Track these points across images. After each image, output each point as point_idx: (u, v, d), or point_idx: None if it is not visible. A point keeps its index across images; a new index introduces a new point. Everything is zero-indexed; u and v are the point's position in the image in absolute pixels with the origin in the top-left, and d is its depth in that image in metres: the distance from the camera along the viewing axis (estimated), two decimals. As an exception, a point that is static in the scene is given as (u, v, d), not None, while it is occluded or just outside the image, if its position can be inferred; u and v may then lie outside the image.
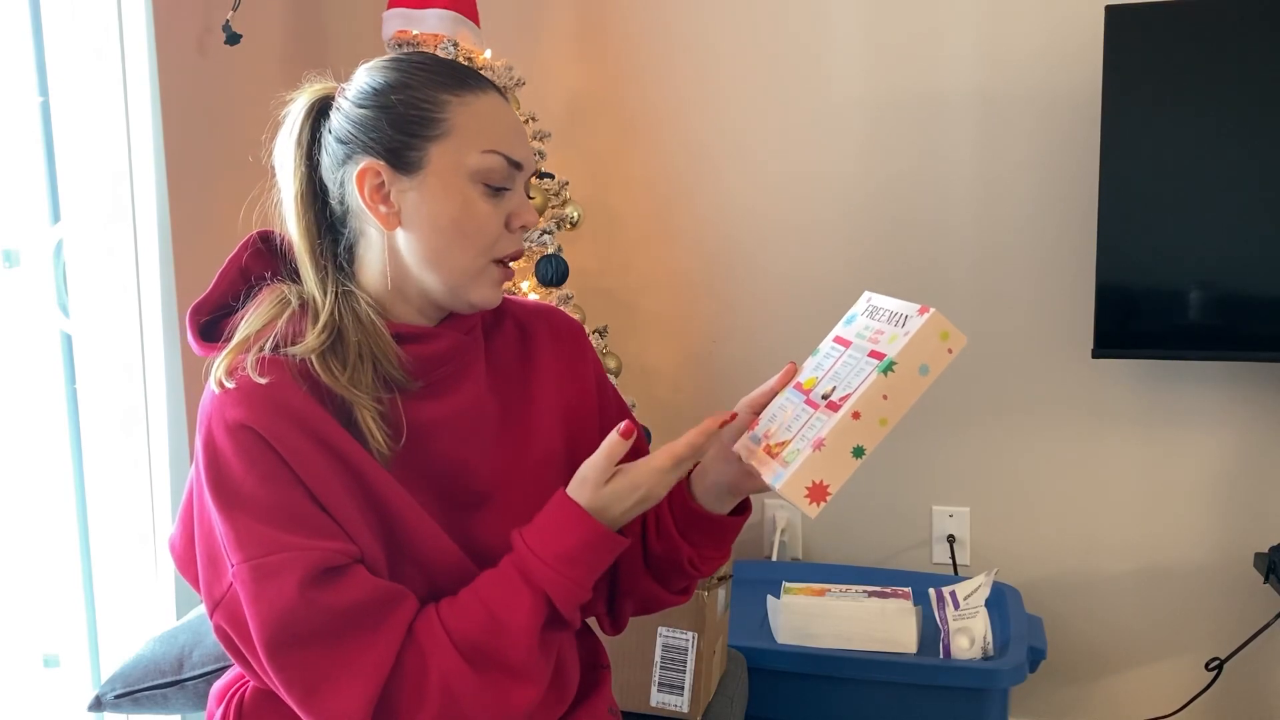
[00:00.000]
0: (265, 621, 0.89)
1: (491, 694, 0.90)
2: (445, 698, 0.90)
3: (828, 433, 0.92)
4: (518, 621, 0.92)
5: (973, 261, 2.18)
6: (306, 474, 0.92)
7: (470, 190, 0.97)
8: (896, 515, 2.28)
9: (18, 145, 1.59)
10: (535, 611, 0.93)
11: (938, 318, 0.94)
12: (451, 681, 0.90)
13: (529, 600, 0.93)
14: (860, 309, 1.06)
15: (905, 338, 0.94)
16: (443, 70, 0.99)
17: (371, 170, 0.97)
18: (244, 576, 0.90)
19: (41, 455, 1.64)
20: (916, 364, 0.93)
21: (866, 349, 0.98)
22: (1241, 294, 1.90)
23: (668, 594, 1.13)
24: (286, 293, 1.00)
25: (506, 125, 0.99)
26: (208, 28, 1.73)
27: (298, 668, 0.89)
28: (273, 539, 0.90)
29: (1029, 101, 2.11)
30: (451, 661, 0.91)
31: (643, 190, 2.34)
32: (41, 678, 1.66)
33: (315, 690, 0.89)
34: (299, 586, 0.88)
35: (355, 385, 0.95)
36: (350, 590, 0.90)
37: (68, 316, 1.62)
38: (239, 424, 0.91)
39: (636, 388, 2.33)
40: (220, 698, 1.08)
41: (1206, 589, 2.13)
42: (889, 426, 0.93)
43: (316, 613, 0.89)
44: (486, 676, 0.91)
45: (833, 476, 0.92)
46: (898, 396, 0.93)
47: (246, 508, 0.90)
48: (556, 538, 0.95)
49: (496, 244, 0.99)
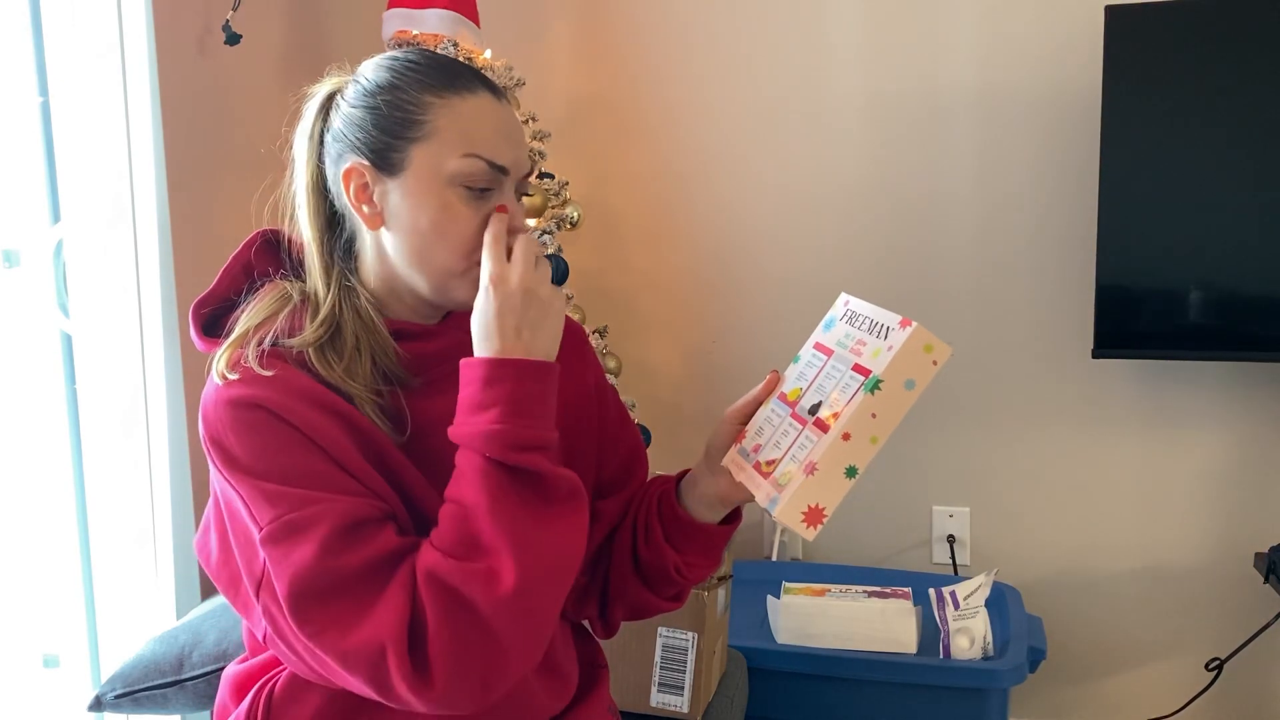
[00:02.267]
0: (290, 579, 0.87)
1: (480, 578, 0.86)
2: (446, 596, 0.86)
3: (820, 456, 0.92)
4: (471, 498, 0.89)
5: (972, 262, 2.18)
6: (325, 440, 0.90)
7: (449, 193, 0.96)
8: (896, 515, 2.28)
9: (18, 145, 1.58)
10: (482, 477, 0.89)
11: (920, 331, 0.93)
12: (443, 578, 0.87)
13: (471, 471, 0.89)
14: (838, 313, 1.06)
15: (889, 353, 0.93)
16: (433, 70, 0.98)
17: (357, 170, 0.97)
18: (276, 534, 0.88)
19: (41, 455, 1.64)
20: (902, 380, 0.93)
21: (850, 360, 0.98)
22: (1241, 294, 1.90)
23: (658, 600, 1.13)
24: (288, 288, 1.00)
25: (491, 128, 0.97)
26: (208, 28, 1.73)
27: (322, 620, 0.87)
28: (300, 496, 0.88)
29: (1029, 101, 2.11)
30: (438, 562, 0.87)
31: (643, 190, 2.34)
32: (41, 678, 1.65)
33: (348, 632, 0.86)
34: (320, 546, 0.86)
35: (351, 377, 0.95)
36: (381, 539, 0.89)
37: (68, 316, 1.62)
38: (248, 402, 0.90)
39: (636, 388, 2.33)
40: (240, 688, 1.06)
41: (1206, 589, 2.13)
42: (879, 444, 0.94)
43: (336, 570, 0.86)
44: (468, 563, 0.87)
45: (827, 499, 0.93)
46: (886, 413, 0.93)
47: (267, 474, 0.89)
48: (460, 405, 0.92)
49: (479, 247, 0.97)
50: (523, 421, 0.89)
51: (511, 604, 0.85)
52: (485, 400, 0.90)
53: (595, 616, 1.17)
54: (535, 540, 0.88)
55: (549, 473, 0.90)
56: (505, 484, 0.89)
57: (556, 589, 0.90)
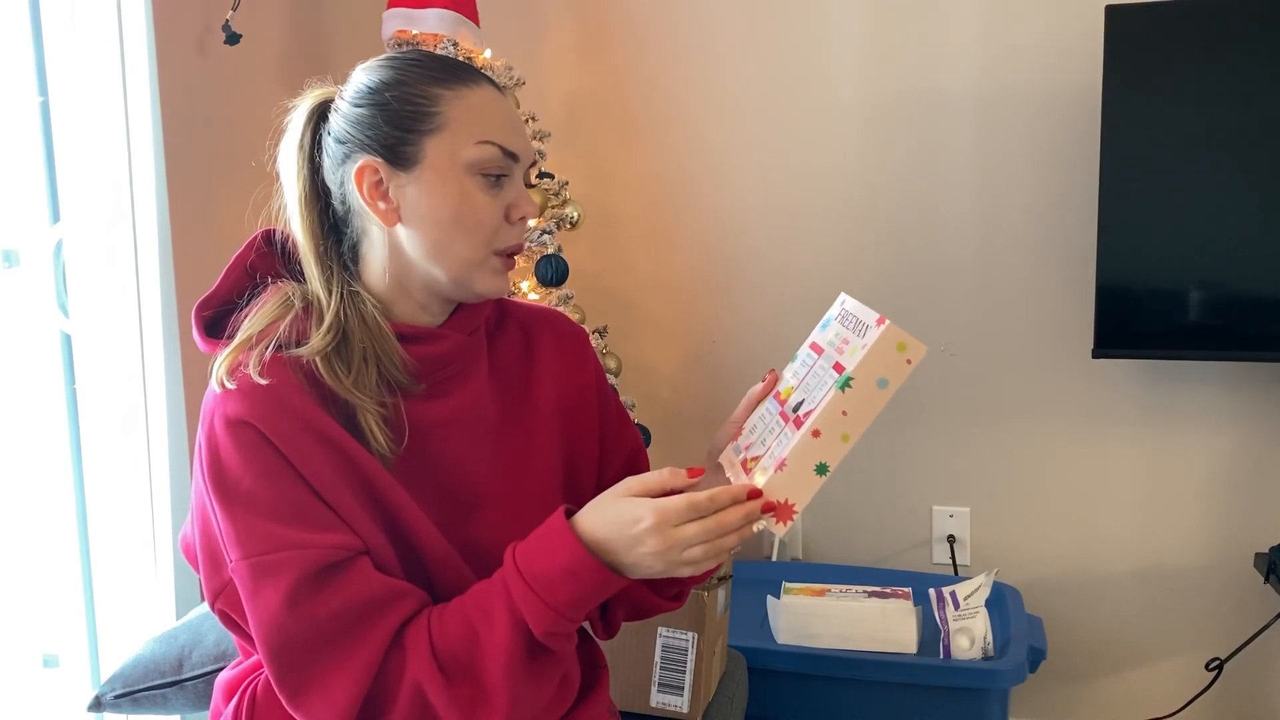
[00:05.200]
0: (260, 623, 0.90)
1: (459, 707, 0.89)
2: (416, 703, 0.90)
3: (789, 452, 0.93)
4: (494, 639, 0.90)
5: (972, 261, 2.18)
6: (307, 469, 0.92)
7: (468, 182, 0.97)
8: (896, 515, 2.28)
9: (18, 145, 1.58)
10: (513, 631, 0.90)
11: (892, 330, 0.93)
12: (425, 689, 0.90)
13: (505, 619, 0.91)
14: (834, 313, 1.06)
15: (862, 351, 0.93)
16: (435, 65, 0.99)
17: (369, 168, 0.97)
18: (242, 574, 0.90)
19: (41, 455, 1.64)
20: (874, 378, 0.93)
21: (833, 359, 0.98)
22: (1241, 294, 1.90)
23: (660, 599, 1.13)
24: (290, 294, 1.00)
25: (501, 116, 0.99)
26: (208, 28, 1.73)
27: (289, 669, 0.90)
28: (271, 535, 0.90)
29: (1029, 101, 2.11)
30: (427, 669, 0.90)
31: (643, 190, 2.34)
32: (41, 678, 1.65)
33: (301, 690, 0.90)
34: (287, 598, 0.88)
35: (359, 388, 0.95)
36: (348, 587, 0.90)
37: (68, 316, 1.62)
38: (239, 420, 0.91)
39: (636, 388, 2.33)
40: (229, 692, 1.08)
41: (1206, 589, 2.13)
42: (851, 442, 0.93)
43: (305, 623, 0.89)
44: (457, 689, 0.90)
45: (797, 495, 0.93)
46: (858, 412, 0.93)
47: (246, 504, 0.91)
48: (543, 556, 0.92)
49: (497, 235, 0.99)
50: (574, 615, 0.92)
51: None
52: (562, 581, 0.90)
53: (596, 618, 1.17)
54: (529, 697, 0.93)
55: (565, 655, 0.96)
56: (531, 652, 0.92)
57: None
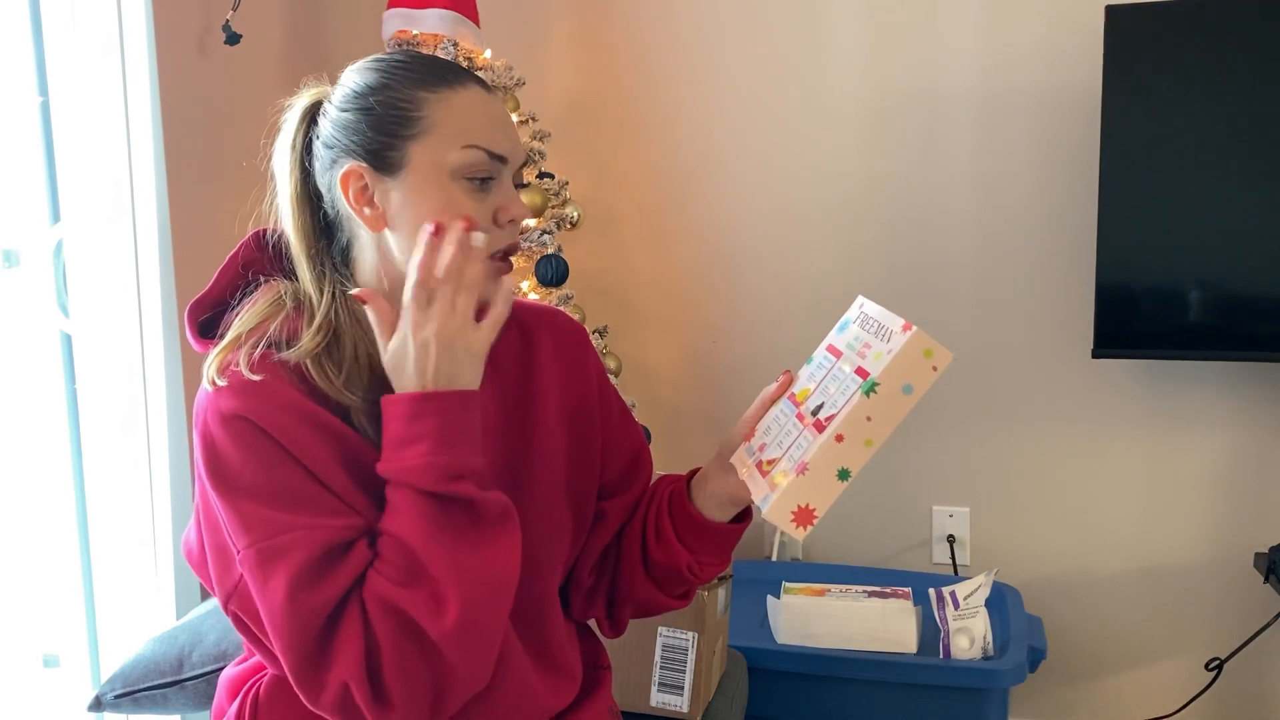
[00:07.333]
0: (270, 612, 0.90)
1: (426, 606, 0.89)
2: (398, 624, 0.89)
3: (811, 456, 0.92)
4: (406, 524, 0.90)
5: (972, 261, 2.18)
6: (306, 457, 0.91)
7: (453, 187, 0.96)
8: (896, 515, 2.28)
9: (18, 145, 1.58)
10: (411, 502, 0.90)
11: (920, 336, 0.92)
12: (395, 604, 0.89)
13: (403, 500, 0.91)
14: (853, 316, 1.05)
15: (888, 356, 0.93)
16: (421, 68, 0.98)
17: (355, 173, 0.96)
18: (251, 561, 0.90)
19: (41, 455, 1.64)
20: (900, 384, 0.92)
21: (855, 363, 0.97)
22: (1241, 294, 1.90)
23: (667, 598, 1.14)
24: (282, 293, 1.00)
25: (487, 119, 0.98)
26: (208, 28, 1.73)
27: (301, 653, 0.89)
28: (276, 520, 0.90)
29: (1029, 101, 2.11)
30: (388, 589, 0.90)
31: (643, 190, 2.34)
32: (41, 678, 1.65)
33: (318, 667, 0.90)
34: (290, 584, 0.88)
35: (350, 389, 0.95)
36: (346, 570, 0.90)
37: (68, 316, 1.62)
38: (234, 414, 0.91)
39: (636, 388, 2.33)
40: (233, 690, 1.08)
41: (1206, 589, 2.13)
42: (874, 447, 0.93)
43: (305, 612, 0.89)
44: (414, 590, 0.89)
45: (818, 500, 0.92)
46: (882, 417, 0.92)
47: (249, 493, 0.90)
48: (385, 438, 0.93)
49: (486, 240, 0.98)
50: (451, 452, 0.91)
51: (458, 632, 0.89)
52: (411, 435, 0.91)
53: (603, 616, 1.17)
54: (474, 567, 0.91)
55: (479, 498, 0.92)
56: (439, 515, 0.90)
57: (498, 610, 0.93)
